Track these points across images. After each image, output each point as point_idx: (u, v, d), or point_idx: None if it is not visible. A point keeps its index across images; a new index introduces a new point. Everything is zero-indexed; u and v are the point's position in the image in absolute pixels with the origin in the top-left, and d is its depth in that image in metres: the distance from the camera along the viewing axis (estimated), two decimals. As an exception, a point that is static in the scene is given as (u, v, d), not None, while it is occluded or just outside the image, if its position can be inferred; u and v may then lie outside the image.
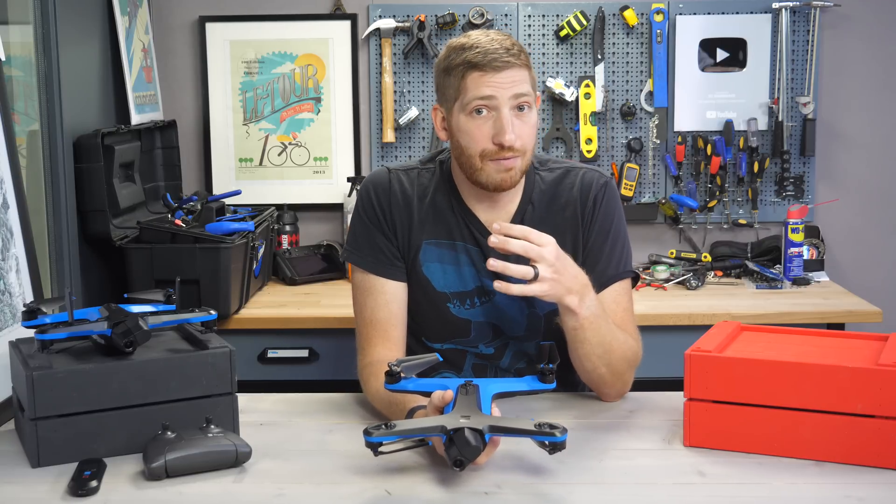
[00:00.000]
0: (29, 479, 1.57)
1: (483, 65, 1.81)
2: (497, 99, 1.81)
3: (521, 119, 1.84)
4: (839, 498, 1.45)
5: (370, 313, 1.94)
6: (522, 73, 1.84)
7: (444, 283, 1.96)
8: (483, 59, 1.81)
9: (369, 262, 1.96)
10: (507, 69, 1.81)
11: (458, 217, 1.96)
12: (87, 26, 2.83)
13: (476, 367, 2.00)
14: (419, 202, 1.97)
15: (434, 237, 1.96)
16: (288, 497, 1.49)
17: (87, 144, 2.65)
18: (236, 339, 2.00)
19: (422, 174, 2.00)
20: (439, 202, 1.97)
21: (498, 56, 1.81)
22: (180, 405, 1.66)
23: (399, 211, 1.96)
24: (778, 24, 3.31)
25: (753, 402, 1.59)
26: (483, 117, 1.83)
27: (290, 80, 3.41)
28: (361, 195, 2.00)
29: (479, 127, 1.84)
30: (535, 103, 1.90)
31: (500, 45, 1.83)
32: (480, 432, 1.46)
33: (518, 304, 1.95)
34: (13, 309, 2.00)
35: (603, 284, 1.92)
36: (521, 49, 1.86)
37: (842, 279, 3.29)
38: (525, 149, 1.86)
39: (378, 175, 2.00)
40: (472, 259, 1.95)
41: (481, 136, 1.84)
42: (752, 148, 3.32)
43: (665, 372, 2.50)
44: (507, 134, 1.81)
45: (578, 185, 1.98)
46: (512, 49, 1.83)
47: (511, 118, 1.82)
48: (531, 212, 1.96)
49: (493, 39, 1.84)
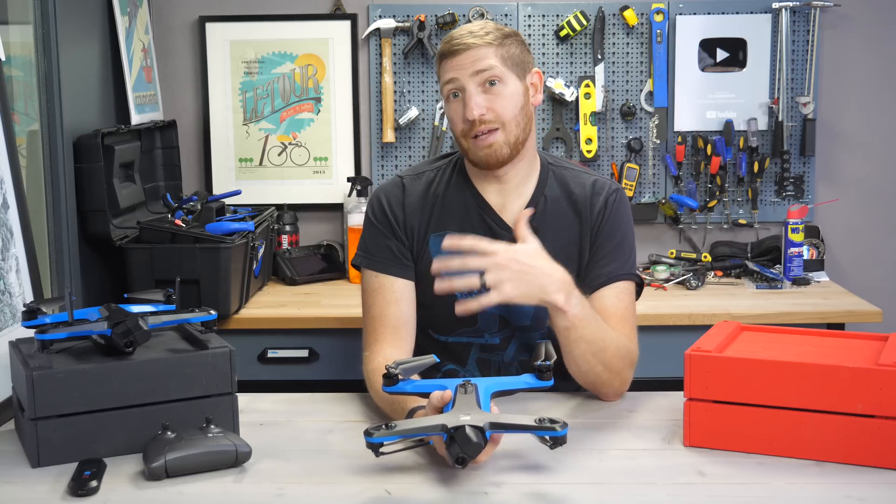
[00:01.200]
0: (29, 479, 1.57)
1: (447, 52, 1.93)
2: (459, 80, 1.91)
3: (490, 93, 1.91)
4: (839, 498, 1.45)
5: (379, 310, 1.95)
6: (486, 50, 1.90)
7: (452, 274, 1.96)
8: (448, 47, 1.92)
9: (379, 262, 1.98)
10: (467, 50, 1.90)
11: (471, 208, 1.99)
12: (87, 26, 2.83)
13: (480, 361, 2.01)
14: (433, 199, 2.01)
15: (444, 229, 1.98)
16: (288, 497, 1.49)
17: (87, 144, 2.64)
18: (236, 339, 2.00)
19: (431, 175, 2.04)
20: (452, 196, 2.01)
21: (460, 40, 1.91)
22: (180, 405, 1.66)
23: (412, 214, 1.99)
24: (778, 24, 3.31)
25: (753, 402, 1.59)
26: (457, 100, 1.93)
27: (290, 80, 3.41)
28: (372, 202, 2.04)
29: (455, 110, 1.94)
30: (532, 79, 1.96)
31: (469, 31, 1.92)
32: (481, 429, 1.46)
33: None
34: (13, 309, 2.00)
35: (606, 281, 1.93)
36: (492, 31, 1.92)
37: (842, 279, 3.29)
38: (502, 119, 1.91)
39: (389, 183, 2.06)
40: None
41: (457, 117, 1.93)
42: (752, 148, 3.32)
43: (665, 372, 2.50)
44: (468, 109, 1.90)
45: (591, 187, 2.01)
46: (478, 32, 1.92)
47: (475, 94, 1.90)
48: (544, 203, 1.99)
49: (466, 27, 1.94)
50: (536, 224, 1.94)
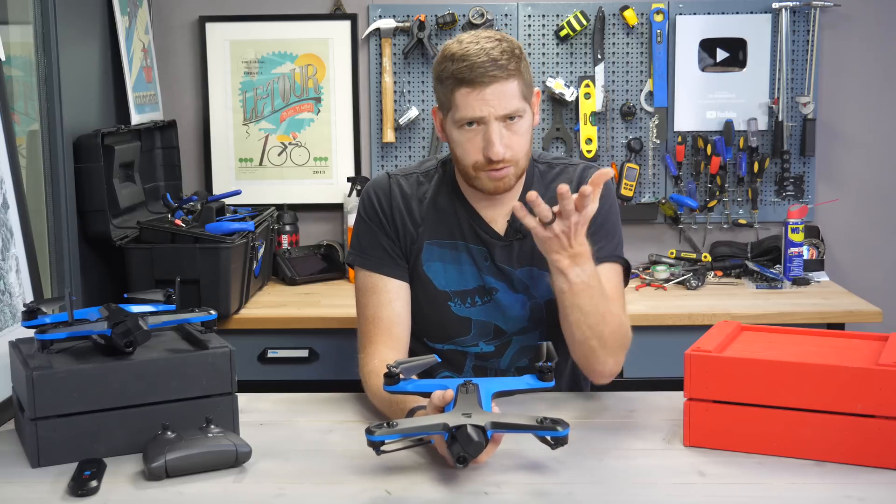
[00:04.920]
0: (29, 479, 1.57)
1: (470, 80, 1.82)
2: (485, 118, 1.83)
3: (510, 129, 1.86)
4: (839, 498, 1.45)
5: (373, 311, 1.95)
6: (511, 84, 1.84)
7: (446, 282, 1.97)
8: (470, 75, 1.82)
9: (372, 261, 1.97)
10: (495, 83, 1.82)
11: (461, 216, 1.98)
12: (87, 26, 2.83)
13: (476, 368, 2.01)
14: (419, 204, 1.99)
15: (436, 237, 1.97)
16: (288, 497, 1.49)
17: (87, 144, 2.64)
18: (236, 339, 2.00)
19: (421, 179, 2.02)
20: (441, 203, 1.99)
21: (485, 70, 1.81)
22: (180, 405, 1.66)
23: (400, 213, 1.98)
24: (778, 24, 3.31)
25: (753, 402, 1.59)
26: (473, 130, 1.86)
27: (290, 80, 3.41)
28: (363, 199, 2.02)
29: (469, 140, 1.86)
30: (533, 105, 1.91)
31: (488, 57, 1.82)
32: (483, 429, 1.46)
33: (519, 298, 1.96)
34: (13, 309, 2.00)
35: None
36: (511, 54, 1.84)
37: (842, 279, 3.29)
38: (517, 157, 1.88)
39: (379, 179, 2.03)
40: (473, 258, 1.97)
41: (472, 148, 1.86)
42: (752, 148, 3.31)
43: (665, 372, 2.50)
44: (494, 148, 1.83)
45: (577, 178, 2.00)
46: (500, 59, 1.82)
47: (500, 131, 1.84)
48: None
49: (483, 49, 1.83)
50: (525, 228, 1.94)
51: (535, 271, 1.96)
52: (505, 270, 1.96)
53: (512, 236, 1.96)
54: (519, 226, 1.94)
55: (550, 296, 1.91)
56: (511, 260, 1.97)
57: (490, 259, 1.97)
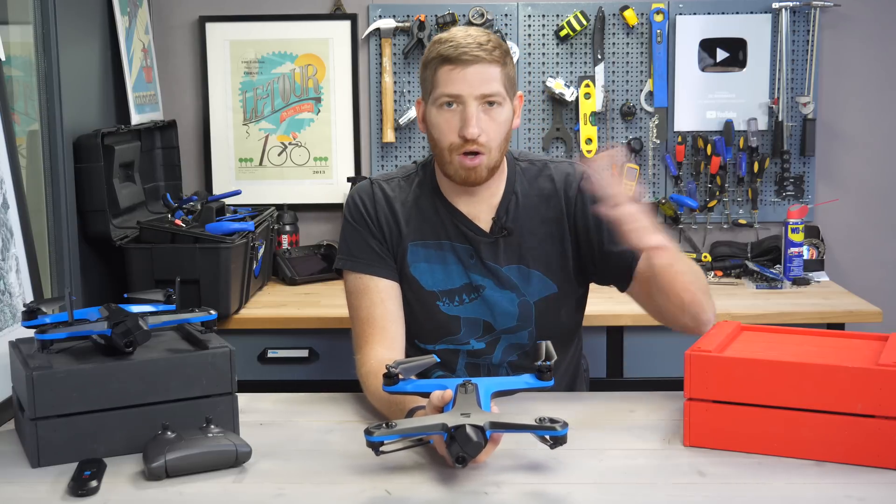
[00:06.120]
0: (29, 479, 1.57)
1: (453, 58, 1.86)
2: (463, 96, 1.86)
3: (488, 115, 1.88)
4: (839, 498, 1.45)
5: (366, 312, 1.95)
6: (493, 69, 1.87)
7: (433, 282, 1.98)
8: (454, 53, 1.86)
9: (362, 263, 1.98)
10: (477, 63, 1.86)
11: (443, 215, 1.99)
12: (87, 26, 2.83)
13: (469, 366, 2.01)
14: (402, 206, 2.00)
15: (420, 238, 1.99)
16: (288, 497, 1.49)
17: (87, 144, 2.65)
18: (236, 339, 2.00)
19: (402, 182, 2.04)
20: (423, 204, 2.00)
21: (468, 50, 1.86)
22: (180, 405, 1.66)
23: (385, 215, 2.00)
24: (778, 24, 3.31)
25: (753, 402, 1.59)
26: (451, 110, 1.88)
27: (290, 80, 3.41)
28: (348, 204, 2.04)
29: (447, 120, 1.89)
30: (515, 102, 1.94)
31: (475, 41, 1.87)
32: (482, 428, 1.46)
33: (506, 294, 1.97)
34: (13, 309, 2.00)
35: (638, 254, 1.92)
36: (497, 45, 1.89)
37: (842, 279, 3.29)
38: (490, 145, 1.89)
39: (361, 185, 2.06)
40: (458, 256, 1.98)
41: (449, 129, 1.89)
42: (752, 148, 3.32)
43: (665, 372, 2.51)
44: (469, 127, 1.86)
45: (561, 178, 2.01)
46: (486, 45, 1.87)
47: (477, 112, 1.87)
48: (515, 202, 1.99)
49: (470, 34, 1.88)
50: (510, 224, 1.95)
51: (523, 269, 1.97)
52: (491, 267, 1.97)
53: (497, 233, 1.97)
54: (504, 223, 1.95)
55: (541, 295, 1.93)
56: (497, 257, 1.97)
57: (476, 256, 1.97)
